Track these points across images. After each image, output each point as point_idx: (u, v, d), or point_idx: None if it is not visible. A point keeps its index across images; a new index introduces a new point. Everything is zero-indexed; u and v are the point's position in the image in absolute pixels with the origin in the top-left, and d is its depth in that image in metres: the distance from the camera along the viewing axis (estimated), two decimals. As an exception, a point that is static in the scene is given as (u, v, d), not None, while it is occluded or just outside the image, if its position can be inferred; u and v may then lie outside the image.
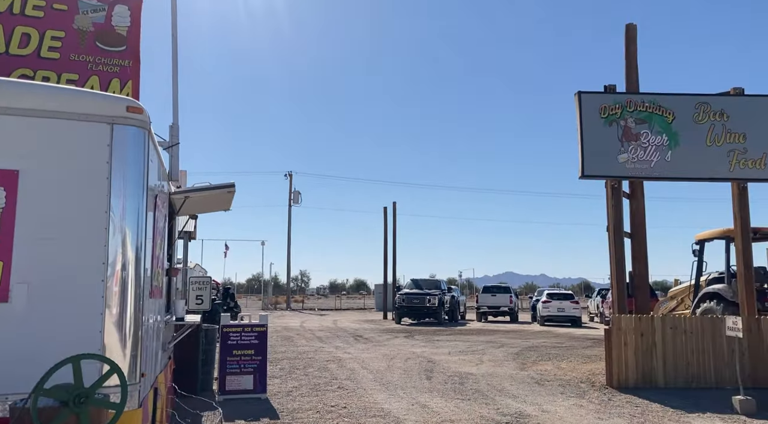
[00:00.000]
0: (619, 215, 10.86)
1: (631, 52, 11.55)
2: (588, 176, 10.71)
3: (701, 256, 13.84)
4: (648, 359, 9.53)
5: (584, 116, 10.69)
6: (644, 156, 10.65)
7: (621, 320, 9.71)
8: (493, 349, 14.83)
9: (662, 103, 10.72)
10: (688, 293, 14.43)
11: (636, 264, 11.56)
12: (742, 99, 10.79)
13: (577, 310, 26.13)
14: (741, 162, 10.66)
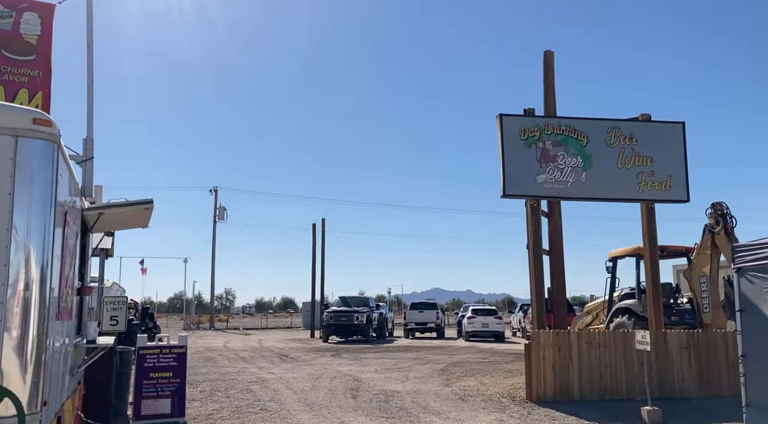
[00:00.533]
0: (538, 232, 11.28)
1: (548, 77, 12.12)
2: (509, 195, 11.08)
3: (614, 272, 14.53)
4: (565, 373, 9.89)
5: (505, 138, 11.08)
6: (561, 177, 11.14)
7: (540, 335, 10.04)
8: (419, 365, 14.95)
9: (577, 127, 11.28)
10: (602, 308, 15.10)
11: (554, 280, 12.02)
12: (649, 124, 11.53)
13: (501, 325, 26.81)
14: (648, 184, 11.35)
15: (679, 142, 11.46)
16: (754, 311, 6.87)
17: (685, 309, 13.37)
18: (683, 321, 12.98)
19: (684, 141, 11.48)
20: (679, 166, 11.39)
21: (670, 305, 13.55)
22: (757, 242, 7.13)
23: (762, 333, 6.72)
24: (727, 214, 11.88)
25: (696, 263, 12.50)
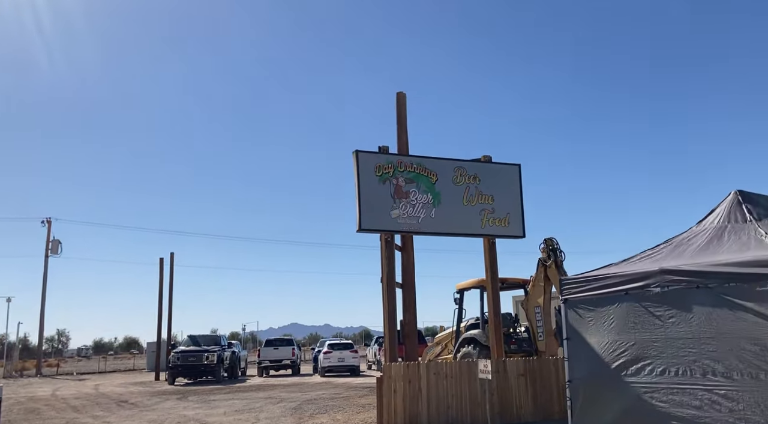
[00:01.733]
0: (391, 266, 11.55)
1: (401, 117, 12.66)
2: (365, 230, 11.28)
3: (461, 303, 15.25)
4: (415, 405, 10.10)
5: (361, 174, 11.33)
6: (413, 212, 11.57)
7: (391, 368, 10.19)
8: (272, 405, 14.46)
9: (427, 165, 11.84)
10: (450, 339, 15.73)
11: (406, 313, 12.33)
12: (490, 165, 12.42)
13: (356, 359, 26.89)
14: (490, 220, 12.16)
15: (515, 182, 12.45)
16: (579, 340, 7.54)
17: (523, 338, 14.33)
18: (521, 349, 13.89)
19: (520, 181, 12.49)
20: (516, 205, 12.35)
21: (510, 334, 14.45)
22: (582, 276, 7.88)
23: (585, 360, 7.39)
24: (557, 248, 13.01)
25: (531, 294, 13.50)
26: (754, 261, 5.82)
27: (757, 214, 6.94)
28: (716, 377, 5.98)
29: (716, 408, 5.92)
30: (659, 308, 6.63)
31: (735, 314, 5.91)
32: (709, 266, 6.20)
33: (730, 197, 7.35)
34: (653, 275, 6.71)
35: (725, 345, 5.95)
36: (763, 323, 5.66)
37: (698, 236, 7.21)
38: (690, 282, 6.33)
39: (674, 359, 6.39)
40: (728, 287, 5.97)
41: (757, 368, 5.66)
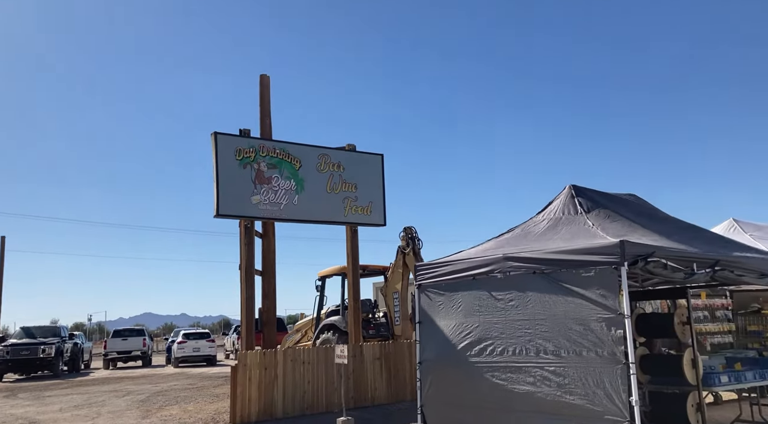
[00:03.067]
0: (251, 253, 11.29)
1: (265, 100, 12.37)
2: (223, 215, 10.90)
3: (323, 291, 15.33)
4: (270, 392, 9.99)
5: (220, 157, 10.92)
6: (275, 199, 11.38)
7: (247, 356, 9.99)
8: (116, 398, 13.57)
9: (291, 151, 11.70)
10: (310, 326, 15.77)
11: (265, 300, 12.14)
12: (353, 154, 12.55)
13: (213, 348, 26.10)
14: (353, 208, 12.31)
15: (378, 171, 12.70)
16: (430, 323, 7.89)
17: (381, 323, 14.74)
18: (379, 334, 14.28)
19: (382, 171, 12.77)
20: (378, 193, 12.61)
21: (369, 320, 14.79)
22: (434, 262, 8.23)
23: (435, 342, 7.75)
24: (415, 237, 13.54)
25: (390, 280, 13.93)
26: (581, 249, 6.44)
27: (587, 207, 7.67)
28: (547, 355, 6.55)
29: (547, 383, 6.48)
30: (501, 292, 7.12)
31: (564, 298, 6.50)
32: (545, 254, 6.76)
33: (566, 191, 8.06)
34: (497, 261, 7.18)
35: (556, 326, 6.53)
36: (587, 306, 6.29)
37: (537, 225, 7.83)
38: (528, 268, 6.85)
39: (512, 340, 6.90)
40: (560, 273, 6.55)
41: (580, 346, 6.27)
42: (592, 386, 6.09)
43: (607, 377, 6.00)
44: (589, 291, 6.30)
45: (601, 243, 6.38)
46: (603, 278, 6.21)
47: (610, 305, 6.12)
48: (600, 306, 6.18)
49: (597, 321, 6.18)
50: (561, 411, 6.27)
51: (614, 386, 5.93)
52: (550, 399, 6.39)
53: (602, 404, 5.97)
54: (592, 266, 6.28)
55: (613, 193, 8.37)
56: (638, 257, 6.14)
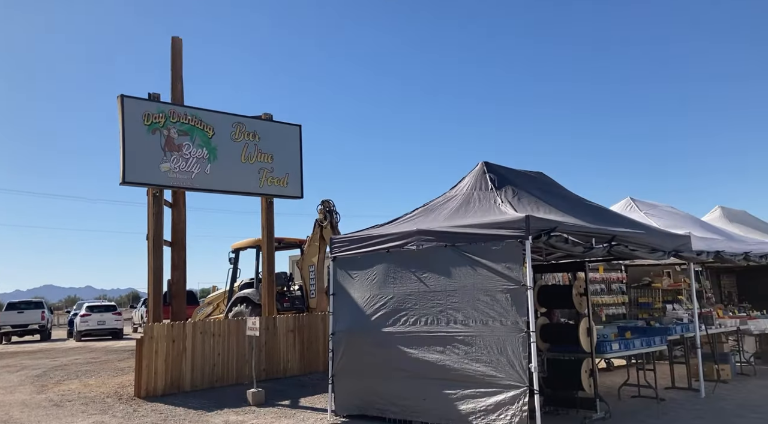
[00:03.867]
0: (159, 223, 10.86)
1: (177, 64, 11.81)
2: (129, 183, 10.40)
3: (236, 263, 15.04)
4: (178, 365, 9.74)
5: (127, 121, 10.37)
6: (186, 167, 10.96)
7: (153, 328, 9.67)
8: (9, 374, 12.78)
9: (203, 118, 11.27)
10: (223, 299, 15.46)
11: (175, 272, 11.76)
12: (271, 124, 12.27)
13: (119, 322, 25.11)
14: (269, 180, 12.07)
15: (295, 142, 12.50)
16: (344, 295, 7.94)
17: (296, 296, 14.69)
18: (294, 307, 14.23)
19: (300, 142, 12.58)
20: (295, 165, 12.43)
21: (284, 293, 14.70)
22: (350, 235, 8.26)
23: (349, 314, 7.81)
24: (333, 210, 13.50)
25: (307, 253, 13.84)
26: (490, 224, 6.67)
27: (498, 183, 7.92)
28: (457, 325, 6.77)
29: (455, 351, 6.72)
30: (414, 265, 7.26)
31: (474, 270, 6.72)
32: (456, 228, 6.94)
33: (478, 168, 8.28)
34: (411, 235, 7.31)
35: (465, 297, 6.75)
36: (494, 277, 6.54)
37: (450, 200, 8.01)
38: (440, 241, 7.02)
39: (425, 311, 7.08)
40: (469, 246, 6.76)
41: (487, 315, 6.53)
42: (496, 354, 6.37)
43: (509, 345, 6.29)
44: (496, 264, 6.55)
45: (508, 218, 6.63)
46: (509, 251, 6.47)
47: (514, 276, 6.39)
48: (505, 278, 6.45)
49: (502, 292, 6.45)
50: (467, 378, 6.53)
51: (516, 353, 6.23)
52: (458, 366, 6.63)
53: (504, 370, 6.27)
54: (500, 239, 6.52)
55: (522, 170, 8.69)
56: (542, 232, 6.43)
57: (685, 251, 8.58)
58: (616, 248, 7.34)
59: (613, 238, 7.23)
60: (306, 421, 7.57)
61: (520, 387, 6.13)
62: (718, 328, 10.35)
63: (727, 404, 7.87)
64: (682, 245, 8.54)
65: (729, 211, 13.69)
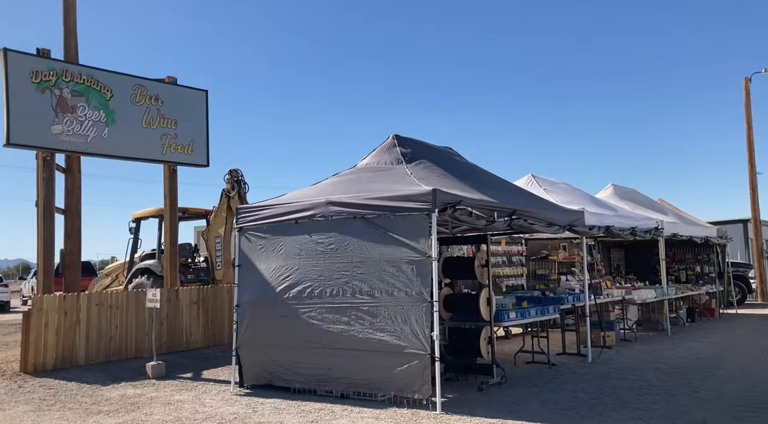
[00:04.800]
0: (51, 189, 10.16)
1: (69, 20, 11.01)
2: (15, 145, 9.61)
3: (137, 233, 14.35)
4: (70, 338, 9.23)
5: (12, 78, 9.55)
6: (81, 130, 10.26)
7: (43, 300, 9.08)
8: None
9: (100, 79, 10.55)
10: (123, 270, 14.76)
11: (68, 242, 11.09)
12: (175, 88, 11.68)
13: (6, 294, 23.50)
14: (172, 146, 11.54)
15: (202, 108, 11.99)
16: (250, 266, 7.79)
17: (202, 268, 14.28)
18: (199, 279, 13.83)
19: (206, 108, 12.08)
20: (200, 132, 11.94)
21: (188, 264, 14.24)
22: (257, 204, 8.09)
23: (254, 285, 7.69)
24: (241, 180, 13.16)
25: (213, 224, 13.44)
26: (398, 196, 6.74)
27: (408, 156, 8.01)
28: (362, 296, 6.84)
29: (360, 322, 6.80)
30: (322, 236, 7.23)
31: (381, 241, 6.80)
32: (365, 199, 6.97)
33: (389, 140, 8.33)
34: (319, 205, 7.26)
35: (371, 268, 6.83)
36: (401, 249, 6.65)
37: (360, 172, 8.02)
38: (349, 212, 7.03)
39: (330, 282, 7.09)
40: (378, 218, 6.82)
41: (392, 286, 6.64)
42: (400, 324, 6.51)
43: (413, 315, 6.45)
44: (403, 235, 6.65)
45: (416, 191, 6.73)
46: (416, 224, 6.59)
47: (420, 248, 6.53)
48: (412, 249, 6.57)
49: (408, 263, 6.57)
50: (371, 347, 6.64)
51: (419, 322, 6.40)
52: (362, 336, 6.72)
53: (408, 339, 6.43)
54: (407, 211, 6.62)
55: (432, 144, 8.83)
56: (447, 205, 6.60)
57: (578, 225, 9.10)
58: (517, 221, 7.66)
59: (513, 212, 7.54)
60: (209, 393, 7.43)
61: (422, 355, 6.31)
62: (606, 298, 11.12)
63: (610, 368, 8.52)
64: (576, 220, 9.06)
65: (620, 188, 14.64)
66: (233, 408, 6.53)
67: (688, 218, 16.52)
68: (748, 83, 22.86)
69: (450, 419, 5.78)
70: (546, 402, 6.48)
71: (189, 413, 6.40)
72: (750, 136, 22.54)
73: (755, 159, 22.45)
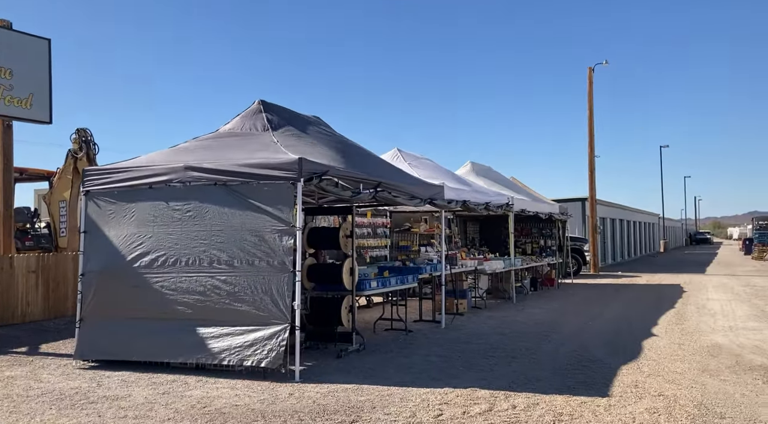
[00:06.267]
0: None
1: None
2: None
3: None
4: None
5: None
6: None
7: None
8: None
9: None
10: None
11: None
12: (9, 33, 10.37)
13: None
14: (7, 99, 10.30)
15: (44, 59, 10.78)
16: (98, 233, 7.22)
17: (43, 234, 13.07)
18: (39, 246, 12.67)
19: (50, 60, 10.88)
20: (42, 85, 10.75)
21: (27, 230, 12.97)
22: (107, 167, 7.49)
23: (102, 253, 7.15)
24: (90, 141, 12.13)
25: (57, 187, 12.30)
26: (263, 164, 6.58)
27: (275, 123, 7.83)
28: (221, 266, 6.64)
29: (217, 292, 6.60)
30: (179, 203, 6.88)
31: (243, 210, 6.62)
32: (227, 166, 6.72)
33: (254, 106, 8.07)
34: (177, 170, 6.88)
35: (232, 237, 6.63)
36: (263, 218, 6.52)
37: (223, 137, 7.70)
38: (210, 179, 6.74)
39: (186, 251, 6.79)
40: (241, 185, 6.62)
41: (254, 256, 6.51)
42: (261, 294, 6.42)
43: (274, 285, 6.38)
44: (266, 204, 6.53)
45: (281, 159, 6.61)
46: (280, 192, 6.49)
47: (284, 217, 6.45)
48: (275, 219, 6.47)
49: (271, 233, 6.47)
50: (228, 318, 6.49)
51: (280, 292, 6.35)
52: (219, 307, 6.55)
53: (268, 309, 6.36)
54: (272, 180, 6.49)
55: (300, 113, 8.70)
56: (313, 175, 6.56)
57: (438, 199, 9.51)
58: (382, 194, 7.83)
59: (379, 184, 7.68)
60: (47, 368, 6.85)
61: (281, 324, 6.29)
62: (461, 268, 11.80)
63: (460, 333, 9.09)
64: (436, 194, 9.45)
65: (477, 166, 15.50)
66: (75, 383, 6.08)
67: (536, 195, 17.95)
68: (591, 73, 25.07)
69: (307, 387, 5.84)
70: (401, 366, 6.77)
71: (21, 389, 5.86)
72: (591, 122, 24.83)
73: (595, 143, 24.82)
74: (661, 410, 5.02)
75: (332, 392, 5.65)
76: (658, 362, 6.91)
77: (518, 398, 5.43)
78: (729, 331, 9.16)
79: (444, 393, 5.60)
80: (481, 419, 4.85)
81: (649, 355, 7.35)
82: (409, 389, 5.74)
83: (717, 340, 8.37)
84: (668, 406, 5.15)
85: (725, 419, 4.81)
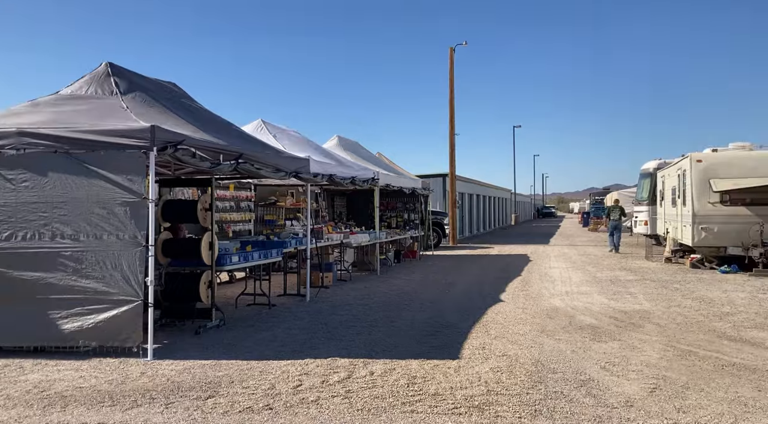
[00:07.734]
0: None
1: None
2: None
3: None
4: None
5: None
6: None
7: None
8: None
9: None
10: None
11: None
12: None
13: None
14: None
15: None
16: None
17: None
18: None
19: None
20: None
21: None
22: None
23: None
24: None
25: None
26: (111, 131, 6.12)
27: (124, 88, 7.28)
28: (64, 240, 6.13)
29: (61, 268, 6.09)
30: (13, 172, 6.22)
31: (89, 180, 6.13)
32: (70, 132, 6.15)
33: (101, 68, 7.44)
34: (9, 135, 6.19)
35: (76, 209, 6.13)
36: (113, 189, 6.09)
37: (65, 101, 7.03)
38: (49, 146, 6.15)
39: (23, 224, 6.18)
40: (85, 154, 6.11)
41: (102, 229, 6.08)
42: (110, 270, 6.04)
43: (125, 260, 6.02)
44: (115, 174, 6.11)
45: (132, 126, 6.18)
46: (131, 162, 6.09)
47: (136, 189, 6.08)
48: (126, 190, 6.09)
49: (121, 205, 6.08)
50: (74, 295, 6.03)
51: (132, 268, 6.01)
52: (63, 284, 6.06)
53: (118, 285, 6.00)
54: (121, 149, 6.07)
55: (153, 78, 8.17)
56: (168, 144, 6.22)
57: (304, 173, 9.45)
58: (243, 165, 7.61)
59: (240, 156, 7.46)
60: None
61: (134, 302, 5.97)
62: (327, 242, 11.90)
63: (325, 305, 9.21)
64: (302, 167, 9.39)
65: (344, 140, 15.60)
66: None
67: (401, 171, 18.48)
68: (452, 53, 26.09)
69: (161, 365, 5.62)
70: (262, 341, 6.73)
71: None
72: (452, 101, 25.92)
73: (455, 121, 25.97)
74: (503, 369, 5.48)
75: (188, 369, 5.49)
76: (503, 326, 7.51)
77: (376, 364, 5.64)
78: (565, 295, 10.15)
79: (304, 364, 5.67)
80: (339, 386, 4.98)
81: (497, 319, 7.95)
82: (270, 362, 5.74)
83: (555, 303, 9.24)
84: (510, 365, 5.63)
85: (557, 373, 5.35)
